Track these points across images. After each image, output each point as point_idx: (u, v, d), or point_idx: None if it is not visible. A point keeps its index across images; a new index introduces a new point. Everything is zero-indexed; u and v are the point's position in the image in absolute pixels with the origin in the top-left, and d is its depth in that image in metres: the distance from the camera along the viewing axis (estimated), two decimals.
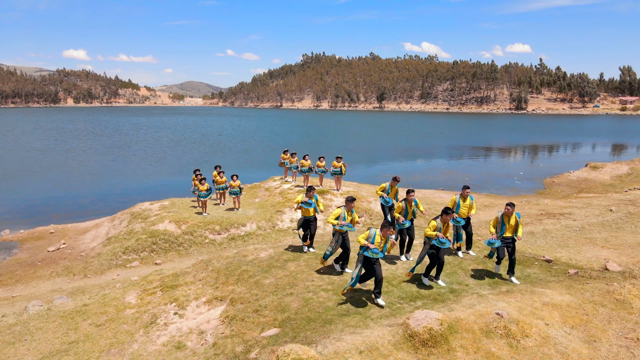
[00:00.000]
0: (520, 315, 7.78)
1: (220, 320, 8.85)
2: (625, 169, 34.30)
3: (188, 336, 8.62)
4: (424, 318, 7.23)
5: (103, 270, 15.52)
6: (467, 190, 11.55)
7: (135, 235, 17.57)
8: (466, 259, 11.23)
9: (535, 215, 22.65)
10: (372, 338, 7.02)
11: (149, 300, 10.14)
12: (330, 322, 7.99)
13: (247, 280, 10.09)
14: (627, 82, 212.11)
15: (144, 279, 11.37)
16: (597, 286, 9.19)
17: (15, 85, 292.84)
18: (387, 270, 10.25)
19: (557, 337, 7.36)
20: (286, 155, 24.36)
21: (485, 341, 7.10)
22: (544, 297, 8.57)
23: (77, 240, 19.46)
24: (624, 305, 8.39)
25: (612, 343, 7.32)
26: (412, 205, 10.91)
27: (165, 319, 9.37)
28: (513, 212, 9.74)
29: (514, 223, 9.77)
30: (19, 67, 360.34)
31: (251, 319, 8.51)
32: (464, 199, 11.77)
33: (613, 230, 18.81)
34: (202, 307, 9.59)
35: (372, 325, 7.68)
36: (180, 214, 19.53)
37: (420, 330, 7.01)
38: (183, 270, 11.32)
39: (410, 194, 10.96)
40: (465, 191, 11.57)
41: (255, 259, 11.32)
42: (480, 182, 36.64)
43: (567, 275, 10.10)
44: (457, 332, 7.21)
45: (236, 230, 18.44)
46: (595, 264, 13.50)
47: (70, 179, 37.07)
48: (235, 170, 31.72)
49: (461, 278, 9.97)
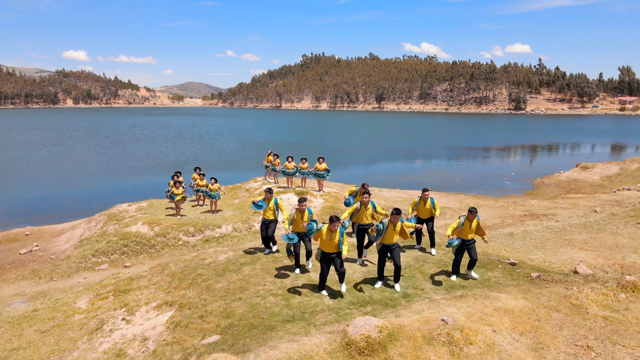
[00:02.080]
0: (468, 321, 7.50)
1: (166, 327, 8.59)
2: (615, 169, 34.01)
3: (131, 343, 8.36)
4: (363, 325, 6.95)
5: (70, 273, 15.26)
6: (426, 193, 11.34)
7: (106, 238, 17.32)
8: (428, 262, 10.95)
9: (519, 216, 22.36)
10: (308, 346, 6.75)
11: (99, 306, 9.88)
12: (272, 328, 7.72)
13: (200, 285, 9.83)
14: (627, 82, 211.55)
15: (99, 283, 11.10)
16: (555, 290, 8.91)
17: (15, 86, 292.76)
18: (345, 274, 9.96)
19: (503, 344, 7.09)
20: (270, 157, 24.12)
21: (426, 349, 6.82)
22: (497, 302, 8.29)
23: (51, 242, 19.21)
24: (579, 311, 8.12)
25: (560, 350, 7.05)
26: (367, 207, 10.63)
27: (112, 325, 9.11)
28: (475, 217, 9.59)
29: (475, 226, 9.63)
30: (19, 68, 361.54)
31: (195, 325, 8.25)
32: (424, 202, 11.55)
33: (594, 231, 18.51)
34: (151, 312, 9.32)
35: (314, 332, 7.41)
36: (156, 215, 19.27)
37: (357, 338, 6.73)
38: (139, 274, 11.06)
39: (364, 196, 10.71)
40: (425, 194, 11.34)
41: (213, 262, 11.05)
42: (470, 183, 36.37)
43: (528, 279, 9.82)
44: (398, 340, 6.93)
45: (211, 232, 18.19)
46: (566, 267, 13.25)
47: (56, 179, 36.81)
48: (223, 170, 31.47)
49: (418, 282, 9.70)
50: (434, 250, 11.72)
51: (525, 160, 50.95)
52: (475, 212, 9.56)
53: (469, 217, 9.56)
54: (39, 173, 39.75)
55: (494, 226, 20.69)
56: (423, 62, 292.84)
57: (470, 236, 9.64)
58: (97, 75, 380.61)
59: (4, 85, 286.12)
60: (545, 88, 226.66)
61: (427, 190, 11.29)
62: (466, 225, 9.57)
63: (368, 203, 10.65)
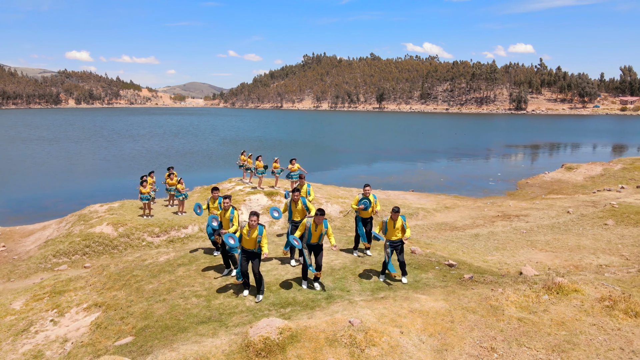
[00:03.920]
0: (378, 322, 7.51)
1: (89, 328, 8.62)
2: (599, 169, 33.88)
3: (51, 345, 8.40)
4: (264, 327, 6.97)
5: (29, 274, 15.32)
6: (367, 189, 11.26)
7: (70, 238, 17.38)
8: (365, 263, 10.94)
9: (491, 217, 22.31)
10: (207, 348, 6.76)
11: (33, 307, 9.92)
12: (184, 330, 7.75)
13: (132, 286, 9.86)
14: (628, 82, 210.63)
15: (39, 284, 11.16)
16: (480, 292, 8.90)
17: (17, 86, 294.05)
18: (275, 275, 9.99)
19: (407, 345, 7.08)
20: (244, 156, 24.15)
21: (327, 350, 6.82)
22: (415, 303, 8.29)
23: (19, 242, 19.29)
24: (495, 312, 8.10)
25: (463, 352, 7.04)
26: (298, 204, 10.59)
27: (40, 326, 9.15)
28: (398, 217, 9.54)
29: (399, 226, 9.58)
30: (23, 68, 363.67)
31: (114, 327, 8.28)
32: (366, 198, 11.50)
33: (560, 232, 18.45)
34: (80, 313, 9.36)
35: (222, 334, 7.42)
36: (123, 216, 19.32)
37: (255, 340, 6.74)
38: (78, 275, 11.10)
39: (295, 193, 10.70)
40: (366, 189, 11.28)
41: (152, 263, 11.09)
42: (454, 184, 36.30)
43: (458, 281, 9.80)
44: (299, 341, 6.94)
45: (176, 233, 18.23)
46: (517, 268, 13.22)
47: (41, 178, 36.91)
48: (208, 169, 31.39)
49: (348, 283, 9.69)
50: (368, 251, 11.73)
51: (514, 161, 50.80)
52: (398, 212, 9.51)
53: (393, 216, 9.51)
54: (25, 172, 39.87)
55: (463, 227, 20.65)
56: (424, 62, 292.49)
57: (397, 237, 9.60)
58: (98, 76, 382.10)
59: (6, 86, 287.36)
60: (546, 88, 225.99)
61: (368, 185, 11.23)
62: (390, 225, 9.53)
63: (299, 199, 10.62)
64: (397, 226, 9.54)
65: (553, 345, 7.15)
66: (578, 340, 7.27)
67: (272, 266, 10.55)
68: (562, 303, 8.42)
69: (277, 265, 10.63)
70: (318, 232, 9.17)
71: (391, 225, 9.52)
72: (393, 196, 28.05)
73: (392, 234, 9.53)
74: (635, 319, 7.82)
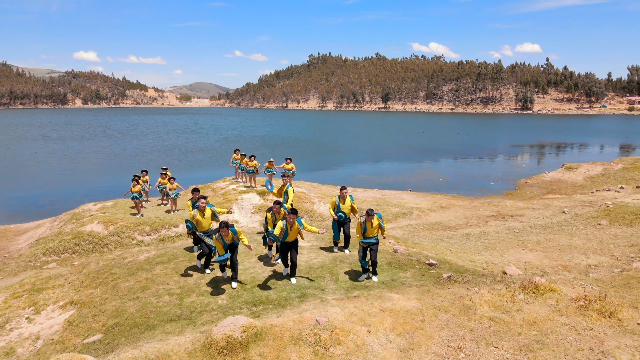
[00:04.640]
0: (346, 321, 7.45)
1: (61, 326, 8.62)
2: (599, 169, 33.58)
3: (23, 342, 8.40)
4: (228, 325, 6.93)
5: (17, 272, 15.36)
6: (344, 192, 11.22)
7: (60, 237, 17.42)
8: (345, 262, 10.87)
9: (485, 217, 22.14)
10: (170, 346, 6.73)
11: (11, 304, 9.94)
12: (152, 328, 7.73)
13: (108, 284, 9.86)
14: (636, 81, 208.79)
15: (19, 282, 11.19)
16: (455, 291, 8.81)
17: (24, 86, 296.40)
18: (251, 274, 9.95)
19: (373, 344, 7.02)
20: (237, 156, 24.14)
21: (291, 349, 6.78)
22: (387, 302, 8.22)
23: (12, 241, 19.39)
24: (468, 311, 8.02)
25: (429, 351, 6.96)
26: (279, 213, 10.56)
27: (15, 324, 9.16)
28: (374, 217, 9.52)
29: (377, 225, 9.56)
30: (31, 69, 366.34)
31: (85, 325, 8.28)
32: (343, 200, 11.45)
33: (553, 232, 18.28)
34: (56, 311, 9.37)
35: (188, 332, 7.39)
36: (115, 214, 19.35)
37: (218, 338, 6.70)
38: (58, 273, 11.13)
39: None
40: (343, 192, 11.23)
41: (132, 261, 11.09)
42: (453, 183, 36.10)
43: (435, 280, 9.72)
44: (263, 340, 6.89)
45: (167, 232, 18.23)
46: (500, 268, 13.09)
47: (41, 177, 37.11)
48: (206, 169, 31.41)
49: (324, 282, 9.64)
50: (347, 250, 11.69)
51: (515, 161, 50.45)
52: (372, 214, 9.50)
53: (368, 219, 9.53)
54: (27, 171, 40.12)
55: (456, 227, 20.51)
56: (430, 62, 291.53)
57: (373, 234, 9.60)
58: (105, 76, 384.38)
59: (14, 86, 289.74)
60: (552, 88, 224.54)
61: (345, 188, 11.21)
62: (368, 226, 9.54)
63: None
64: (374, 225, 9.55)
65: (522, 345, 7.06)
66: (548, 340, 7.17)
67: (250, 264, 10.52)
68: (536, 303, 8.32)
69: (255, 264, 10.60)
70: (294, 231, 9.25)
71: (369, 225, 9.53)
72: (389, 196, 27.93)
73: (370, 233, 9.54)
74: (608, 319, 7.71)
